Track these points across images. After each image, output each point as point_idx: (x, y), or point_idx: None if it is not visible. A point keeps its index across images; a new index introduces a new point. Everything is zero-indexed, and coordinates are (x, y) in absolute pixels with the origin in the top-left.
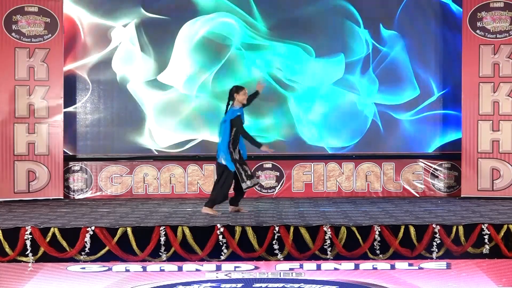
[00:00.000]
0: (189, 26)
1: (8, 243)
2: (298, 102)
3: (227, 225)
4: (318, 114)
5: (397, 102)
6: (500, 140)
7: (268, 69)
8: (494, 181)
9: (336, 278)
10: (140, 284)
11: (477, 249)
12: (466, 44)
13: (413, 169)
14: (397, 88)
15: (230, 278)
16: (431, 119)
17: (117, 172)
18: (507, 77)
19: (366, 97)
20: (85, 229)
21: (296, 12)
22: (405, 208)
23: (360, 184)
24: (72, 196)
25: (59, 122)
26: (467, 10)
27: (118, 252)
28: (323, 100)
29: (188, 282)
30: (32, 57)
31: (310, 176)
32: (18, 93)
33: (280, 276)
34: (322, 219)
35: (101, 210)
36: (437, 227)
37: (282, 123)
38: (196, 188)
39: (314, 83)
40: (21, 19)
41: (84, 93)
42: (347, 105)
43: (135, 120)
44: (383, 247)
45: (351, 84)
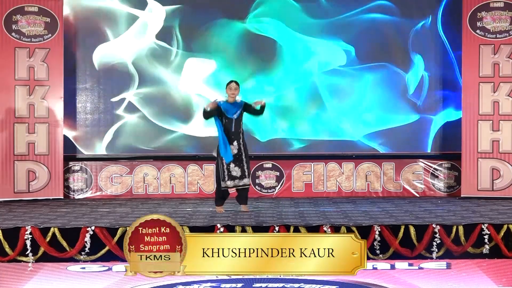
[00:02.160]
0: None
1: (8, 243)
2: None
3: (227, 225)
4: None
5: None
6: (500, 140)
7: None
8: (494, 181)
9: (336, 278)
10: (140, 284)
11: (477, 249)
12: (466, 44)
13: (413, 169)
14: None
15: (230, 278)
16: (432, 119)
17: (117, 172)
18: (507, 77)
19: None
20: (85, 229)
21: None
22: (405, 208)
23: (360, 184)
24: (72, 196)
25: (59, 122)
26: (467, 10)
27: (118, 252)
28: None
29: (188, 282)
30: (32, 57)
31: (310, 176)
32: (18, 93)
33: (280, 276)
34: (322, 219)
35: (101, 210)
36: (437, 227)
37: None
38: (196, 188)
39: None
40: (21, 19)
41: (85, 93)
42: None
43: (136, 120)
44: (383, 247)
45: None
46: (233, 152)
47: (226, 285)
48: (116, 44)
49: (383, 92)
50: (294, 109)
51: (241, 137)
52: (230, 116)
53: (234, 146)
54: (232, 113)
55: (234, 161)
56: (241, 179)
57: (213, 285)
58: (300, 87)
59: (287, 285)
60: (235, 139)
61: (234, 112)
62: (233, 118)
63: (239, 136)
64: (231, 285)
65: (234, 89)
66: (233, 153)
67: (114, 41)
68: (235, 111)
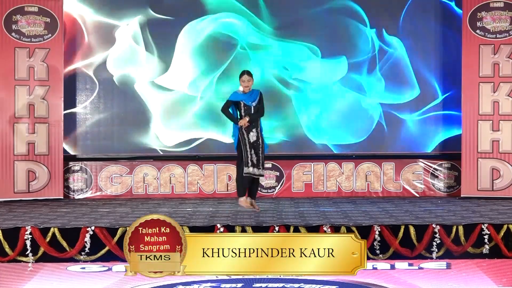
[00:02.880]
0: (193, 26)
1: (8, 243)
2: (302, 102)
3: (227, 225)
4: (323, 113)
5: (400, 101)
6: (500, 140)
7: (273, 68)
8: (494, 181)
9: (336, 278)
10: (140, 284)
11: (477, 249)
12: (466, 44)
13: (413, 169)
14: (400, 88)
15: (230, 278)
16: (432, 119)
17: (117, 172)
18: (507, 77)
19: (372, 97)
20: (85, 229)
21: (302, 12)
22: (405, 208)
23: (360, 184)
24: (72, 196)
25: (59, 122)
26: (467, 10)
27: (118, 252)
28: (328, 100)
29: (188, 282)
30: (32, 57)
31: (310, 176)
32: (18, 93)
33: (280, 276)
34: (322, 219)
35: (101, 210)
36: (437, 227)
37: (287, 123)
38: (196, 188)
39: (319, 83)
40: (21, 19)
41: (85, 93)
42: (352, 105)
43: (137, 120)
44: (383, 247)
45: (357, 84)
46: (253, 139)
47: (226, 285)
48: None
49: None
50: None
51: (260, 127)
52: (249, 103)
53: (253, 133)
54: (250, 101)
55: (253, 148)
56: (257, 168)
57: (213, 285)
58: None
59: (287, 285)
60: (254, 127)
61: (252, 99)
62: (251, 106)
63: (257, 125)
64: (231, 285)
65: (247, 81)
66: (252, 140)
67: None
68: (252, 99)
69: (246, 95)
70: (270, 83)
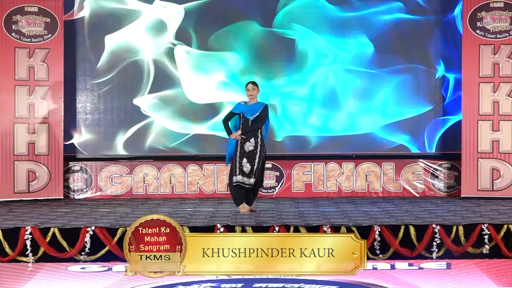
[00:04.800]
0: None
1: (8, 243)
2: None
3: (227, 225)
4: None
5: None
6: (500, 140)
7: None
8: (494, 181)
9: (336, 278)
10: (140, 284)
11: (477, 249)
12: (466, 44)
13: (413, 169)
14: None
15: (230, 278)
16: (432, 119)
17: (117, 172)
18: (507, 77)
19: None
20: (85, 229)
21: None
22: (405, 208)
23: (360, 184)
24: (72, 196)
25: (59, 122)
26: (467, 10)
27: (118, 252)
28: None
29: (188, 282)
30: (32, 57)
31: (310, 176)
32: (18, 93)
33: (280, 276)
34: (322, 219)
35: (101, 210)
36: (437, 227)
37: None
38: (196, 188)
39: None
40: (21, 19)
41: (85, 93)
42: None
43: (137, 120)
44: (383, 247)
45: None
46: (249, 148)
47: (226, 285)
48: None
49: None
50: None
51: (260, 136)
52: (248, 116)
53: (250, 143)
54: (249, 114)
55: (247, 157)
56: (248, 177)
57: (213, 285)
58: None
59: (287, 285)
60: (252, 136)
61: (252, 113)
62: (249, 119)
63: (256, 134)
64: (231, 285)
65: (252, 90)
66: (248, 149)
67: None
68: (252, 112)
69: (248, 107)
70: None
